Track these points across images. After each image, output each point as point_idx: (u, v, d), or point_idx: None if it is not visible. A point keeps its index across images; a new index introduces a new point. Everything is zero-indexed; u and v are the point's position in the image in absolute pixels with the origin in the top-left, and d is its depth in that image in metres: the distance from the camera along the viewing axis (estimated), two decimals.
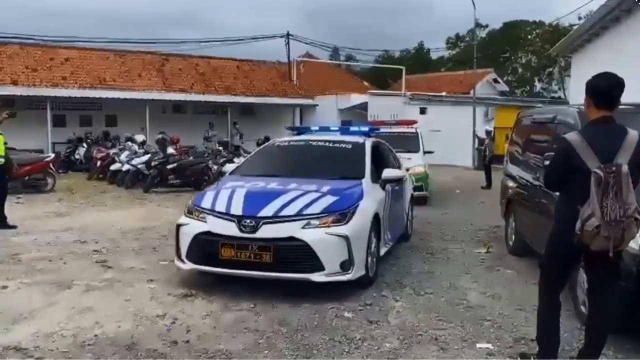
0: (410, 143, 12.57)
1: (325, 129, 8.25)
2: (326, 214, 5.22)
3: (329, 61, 40.83)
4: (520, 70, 48.44)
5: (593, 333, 3.49)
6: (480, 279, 6.07)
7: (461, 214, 10.79)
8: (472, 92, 25.42)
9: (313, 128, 8.30)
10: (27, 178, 13.31)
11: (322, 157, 6.76)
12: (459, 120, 22.78)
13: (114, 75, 22.24)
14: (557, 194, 3.65)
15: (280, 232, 5.13)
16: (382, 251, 6.22)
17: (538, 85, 46.63)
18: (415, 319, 4.73)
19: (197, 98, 23.43)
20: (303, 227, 5.13)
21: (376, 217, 5.82)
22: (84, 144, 19.79)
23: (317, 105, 26.91)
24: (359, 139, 7.05)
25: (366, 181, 6.04)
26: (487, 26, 50.15)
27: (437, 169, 17.88)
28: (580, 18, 24.78)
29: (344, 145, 6.86)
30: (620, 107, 3.44)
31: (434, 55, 54.35)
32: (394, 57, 49.77)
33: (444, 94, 26.95)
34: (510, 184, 7.58)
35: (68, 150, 19.76)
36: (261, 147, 7.94)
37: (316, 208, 5.27)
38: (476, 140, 21.70)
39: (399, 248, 7.45)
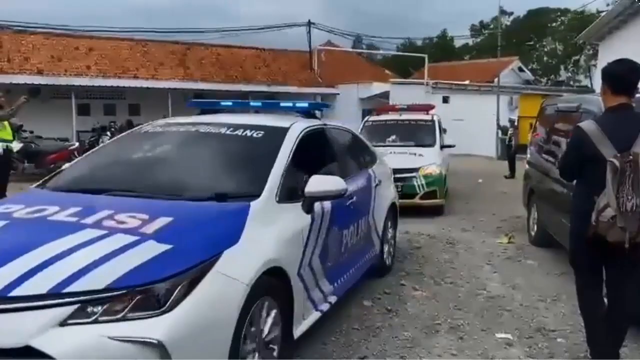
0: (424, 135, 10.22)
1: (243, 105, 5.59)
2: (123, 290, 2.43)
3: (351, 50, 40.58)
4: (545, 58, 47.62)
5: (611, 326, 3.42)
6: (501, 269, 6.01)
7: (483, 203, 10.68)
8: (496, 80, 25.07)
9: (224, 103, 5.14)
10: (52, 166, 13.56)
11: (201, 157, 3.98)
12: (483, 109, 22.51)
13: (137, 65, 22.49)
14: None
15: (4, 336, 2.34)
16: (300, 329, 3.50)
17: (564, 74, 45.78)
18: (434, 309, 4.71)
19: (219, 87, 23.55)
20: (61, 324, 2.35)
21: (275, 273, 3.14)
22: (108, 133, 20.04)
23: (339, 94, 26.84)
24: (283, 123, 4.25)
25: (263, 202, 3.34)
26: (512, 13, 49.42)
27: (459, 158, 17.70)
28: (608, 4, 24.23)
29: (251, 134, 4.01)
30: (639, 95, 3.35)
31: (457, 43, 53.77)
32: (417, 45, 49.32)
33: (467, 82, 26.62)
34: (533, 173, 7.47)
35: (92, 139, 20.05)
36: (121, 134, 4.96)
37: (105, 275, 2.46)
38: (499, 130, 21.42)
39: (419, 238, 7.40)
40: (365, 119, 11.18)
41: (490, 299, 5.01)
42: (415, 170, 8.97)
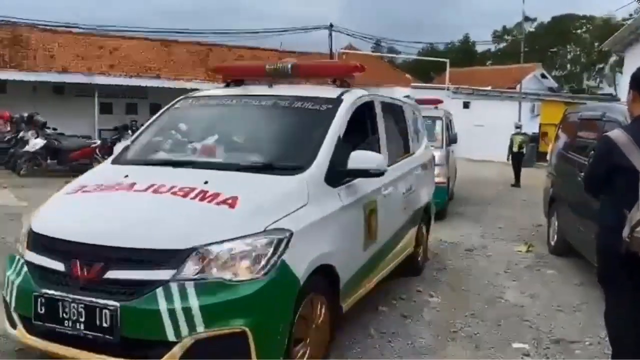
0: (296, 138, 4.16)
1: None
2: None
3: (372, 53, 40.49)
4: (569, 65, 47.07)
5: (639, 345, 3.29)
6: (520, 278, 5.94)
7: (502, 211, 10.56)
8: (518, 87, 24.84)
9: None
10: (74, 163, 13.76)
11: None
12: (504, 115, 22.27)
13: (159, 65, 22.76)
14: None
15: None
16: None
17: (590, 82, 45.15)
18: (450, 316, 4.66)
19: None
20: None
21: None
22: (129, 132, 20.29)
23: None
24: None
25: None
26: (535, 19, 48.87)
27: (479, 164, 17.57)
28: (630, 15, 23.85)
29: None
30: None
31: (479, 49, 53.42)
32: (439, 50, 49.08)
33: (489, 88, 26.39)
34: (555, 181, 7.38)
35: (114, 137, 20.30)
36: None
37: None
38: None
39: (437, 244, 7.35)
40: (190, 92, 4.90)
41: (508, 307, 4.96)
42: (166, 255, 2.76)
